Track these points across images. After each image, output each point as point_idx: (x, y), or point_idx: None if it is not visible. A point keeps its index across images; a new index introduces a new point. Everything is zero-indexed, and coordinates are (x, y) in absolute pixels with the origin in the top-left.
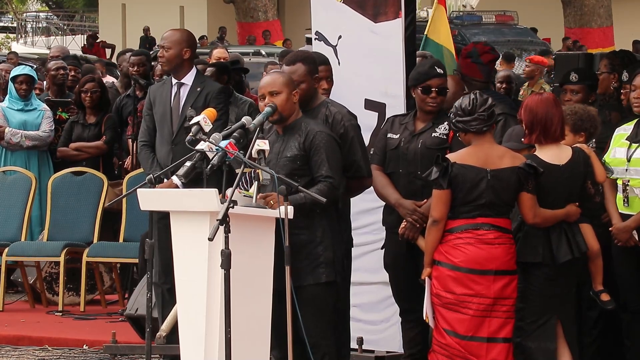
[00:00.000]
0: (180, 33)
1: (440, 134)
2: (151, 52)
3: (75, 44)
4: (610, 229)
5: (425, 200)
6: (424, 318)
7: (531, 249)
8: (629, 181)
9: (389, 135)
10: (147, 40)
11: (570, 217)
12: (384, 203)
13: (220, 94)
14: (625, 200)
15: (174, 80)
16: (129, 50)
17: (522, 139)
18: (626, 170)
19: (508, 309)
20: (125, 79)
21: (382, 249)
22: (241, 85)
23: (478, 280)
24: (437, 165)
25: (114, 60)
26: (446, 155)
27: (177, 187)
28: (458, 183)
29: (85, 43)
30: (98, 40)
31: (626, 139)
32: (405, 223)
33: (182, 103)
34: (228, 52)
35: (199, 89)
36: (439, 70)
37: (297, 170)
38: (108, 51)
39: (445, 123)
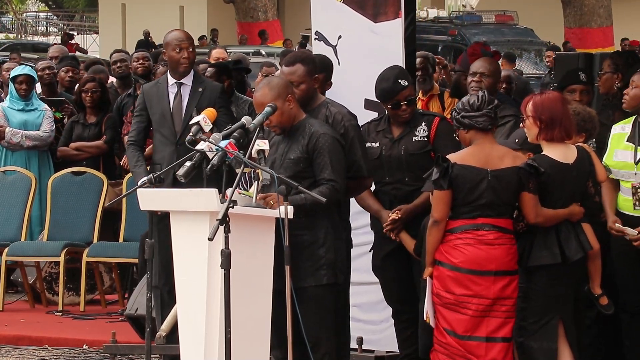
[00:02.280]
0: (188, 33)
1: (420, 137)
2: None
3: None
4: (627, 236)
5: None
6: (424, 318)
7: (546, 251)
8: None
9: (368, 144)
10: (148, 45)
11: (573, 217)
12: None
13: (223, 94)
14: (638, 203)
15: (172, 80)
16: (121, 51)
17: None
18: (635, 174)
19: (508, 309)
20: (120, 80)
21: (370, 251)
22: (243, 85)
23: (477, 281)
24: (437, 166)
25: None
26: (447, 156)
27: None
28: (458, 183)
29: (60, 41)
30: (72, 42)
31: (628, 141)
32: (389, 222)
33: (184, 103)
34: (227, 52)
35: (200, 89)
36: (402, 82)
37: (301, 173)
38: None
39: (423, 124)
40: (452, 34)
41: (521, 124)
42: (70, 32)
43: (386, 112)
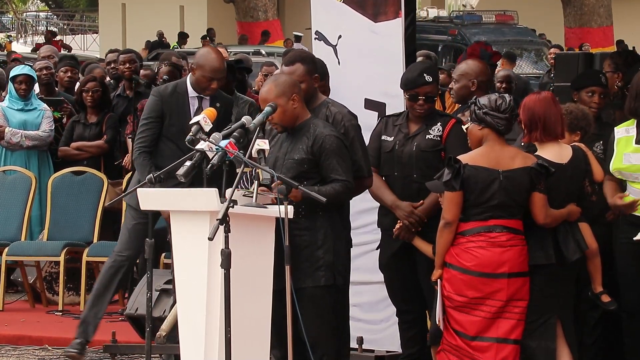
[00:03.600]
0: (224, 63)
1: (434, 136)
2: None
3: (75, 44)
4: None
5: (421, 201)
6: (437, 322)
7: (541, 251)
8: None
9: (383, 137)
10: (162, 46)
11: (571, 217)
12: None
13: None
14: None
15: (192, 92)
16: (115, 51)
17: (522, 139)
18: None
19: (521, 311)
20: (115, 80)
21: (377, 249)
22: (243, 85)
23: (491, 284)
24: (449, 167)
25: None
26: (458, 157)
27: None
28: (470, 184)
29: (43, 40)
30: (57, 39)
31: (637, 143)
32: (399, 224)
33: None
34: (228, 51)
35: (218, 105)
36: (427, 77)
37: (305, 174)
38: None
39: (439, 124)
40: (452, 34)
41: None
42: (53, 30)
43: (406, 110)
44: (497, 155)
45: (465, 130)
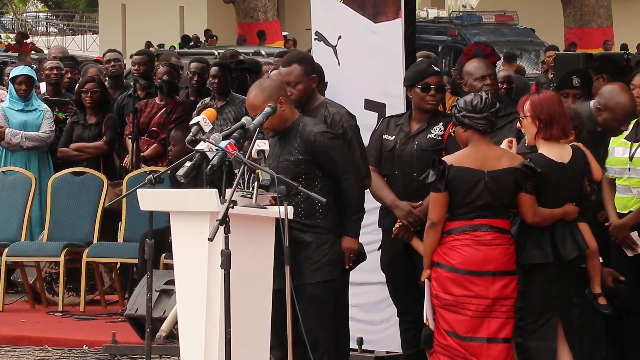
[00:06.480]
0: None
1: (435, 135)
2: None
3: (75, 44)
4: (607, 224)
5: (421, 202)
6: (424, 320)
7: (538, 250)
8: None
9: (385, 136)
10: (197, 47)
11: (568, 216)
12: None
13: None
14: None
15: None
16: (114, 51)
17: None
18: (628, 169)
19: (508, 309)
20: (112, 79)
21: (378, 249)
22: (245, 85)
23: (476, 282)
24: (433, 168)
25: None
26: (443, 158)
27: None
28: (455, 185)
29: (14, 41)
30: (28, 41)
31: (625, 139)
32: (399, 223)
33: None
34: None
35: None
36: (436, 68)
37: (303, 174)
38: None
39: (441, 124)
40: (452, 34)
41: (517, 124)
42: (23, 32)
43: (409, 110)
44: (483, 156)
45: (453, 134)
